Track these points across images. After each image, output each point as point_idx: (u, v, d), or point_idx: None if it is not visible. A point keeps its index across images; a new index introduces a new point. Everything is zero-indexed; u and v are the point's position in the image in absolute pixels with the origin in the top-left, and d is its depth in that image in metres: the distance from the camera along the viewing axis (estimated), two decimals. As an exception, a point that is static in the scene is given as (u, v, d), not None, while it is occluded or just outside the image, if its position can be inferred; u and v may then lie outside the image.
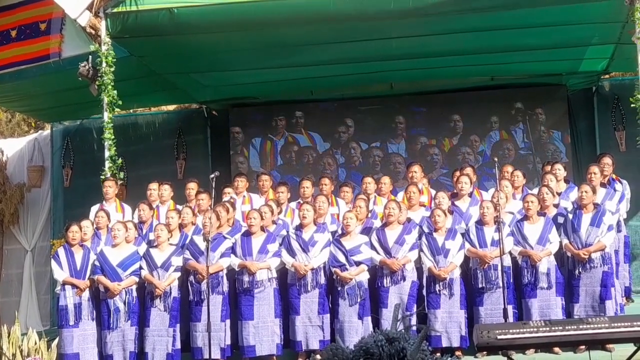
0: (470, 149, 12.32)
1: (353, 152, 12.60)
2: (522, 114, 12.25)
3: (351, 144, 12.62)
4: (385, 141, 12.55)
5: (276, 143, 12.78)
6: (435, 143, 12.47)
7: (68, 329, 8.50)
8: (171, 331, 8.54)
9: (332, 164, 12.53)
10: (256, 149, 12.81)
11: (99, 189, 9.81)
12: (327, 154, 12.67)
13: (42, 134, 13.56)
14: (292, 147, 12.73)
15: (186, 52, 10.30)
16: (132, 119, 12.79)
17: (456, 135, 12.43)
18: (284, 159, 12.74)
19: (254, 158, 12.78)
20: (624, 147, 11.57)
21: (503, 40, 10.29)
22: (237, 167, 12.61)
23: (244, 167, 12.64)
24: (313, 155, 12.69)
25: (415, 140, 12.52)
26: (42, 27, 10.12)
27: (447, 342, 8.37)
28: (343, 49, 10.27)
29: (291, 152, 12.73)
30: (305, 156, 12.70)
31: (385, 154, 12.51)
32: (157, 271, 8.61)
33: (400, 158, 12.46)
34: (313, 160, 12.67)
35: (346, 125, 12.65)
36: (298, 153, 12.71)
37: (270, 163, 12.74)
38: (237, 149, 12.79)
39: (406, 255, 8.56)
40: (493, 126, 12.32)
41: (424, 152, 12.47)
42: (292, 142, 12.75)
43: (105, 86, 9.50)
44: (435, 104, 12.52)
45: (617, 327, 6.21)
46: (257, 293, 8.52)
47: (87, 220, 9.03)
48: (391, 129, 12.56)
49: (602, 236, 8.43)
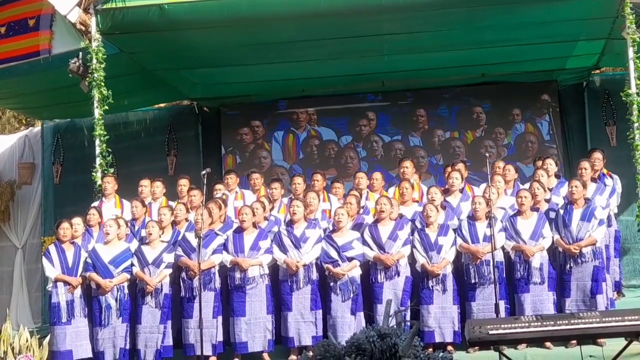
0: (494, 142, 12.24)
1: (375, 145, 12.51)
2: (547, 106, 12.18)
3: (373, 137, 12.52)
4: (407, 134, 12.47)
5: (298, 136, 12.68)
6: (457, 136, 12.39)
7: (60, 326, 8.50)
8: (162, 328, 8.54)
9: (353, 158, 12.43)
10: (279, 142, 12.71)
11: (90, 185, 9.79)
12: (348, 148, 12.56)
13: (32, 131, 13.49)
14: (313, 141, 12.63)
15: (176, 48, 10.25)
16: (122, 115, 12.71)
17: (480, 127, 12.36)
18: (304, 153, 12.62)
19: (276, 152, 12.67)
20: (614, 142, 11.59)
21: (493, 36, 10.29)
22: (260, 162, 12.54)
23: (267, 162, 12.58)
24: (334, 149, 12.59)
25: (436, 133, 12.43)
26: (30, 24, 10.06)
27: (440, 337, 8.38)
28: (337, 45, 10.26)
29: (312, 146, 12.62)
30: (327, 150, 12.60)
31: (406, 147, 12.42)
32: (148, 268, 8.61)
33: (423, 151, 12.37)
34: (335, 154, 12.57)
35: (368, 119, 12.55)
36: (320, 147, 12.61)
37: (293, 157, 12.65)
38: (258, 143, 12.66)
39: (399, 251, 8.57)
40: (516, 119, 12.24)
41: (445, 145, 12.39)
42: (315, 135, 12.65)
43: (96, 83, 9.47)
44: (454, 97, 12.43)
45: (608, 322, 6.23)
46: (249, 289, 8.52)
47: (77, 217, 9.01)
48: (412, 122, 12.46)
49: (592, 231, 8.45)
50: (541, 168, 9.45)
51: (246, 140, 12.75)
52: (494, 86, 12.34)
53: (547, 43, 10.57)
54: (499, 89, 12.34)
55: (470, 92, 12.40)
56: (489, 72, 11.95)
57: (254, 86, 12.11)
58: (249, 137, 12.75)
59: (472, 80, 12.22)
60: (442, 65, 11.40)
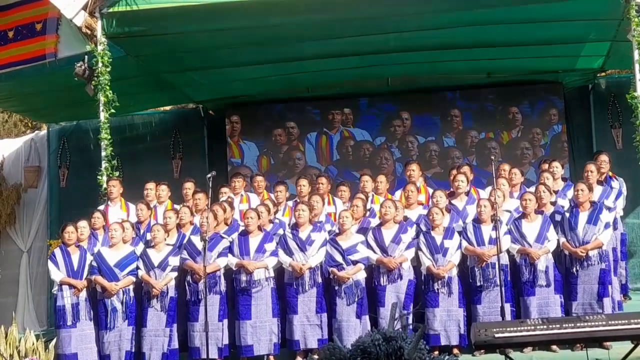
0: (530, 143, 12.19)
1: (410, 145, 12.48)
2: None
3: (408, 138, 12.49)
4: (441, 135, 12.45)
5: (331, 137, 12.66)
6: (493, 136, 12.36)
7: (66, 329, 8.53)
8: (168, 331, 8.56)
9: (388, 159, 12.40)
10: (312, 144, 12.72)
11: (96, 189, 9.81)
12: (383, 149, 12.54)
13: (38, 134, 13.55)
14: (348, 142, 12.61)
15: (183, 50, 10.31)
16: (128, 118, 12.78)
17: (515, 128, 12.31)
18: (340, 154, 12.61)
19: (310, 153, 12.67)
20: (620, 144, 11.60)
21: (499, 36, 10.30)
22: (294, 163, 12.57)
23: (301, 163, 12.59)
24: (369, 149, 12.57)
25: (471, 134, 12.42)
26: (38, 28, 10.11)
27: (446, 340, 8.39)
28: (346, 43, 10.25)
29: (347, 147, 12.61)
30: (361, 150, 12.57)
31: (441, 148, 12.40)
32: (154, 271, 8.63)
33: (458, 152, 12.35)
34: (370, 155, 12.55)
35: (402, 119, 12.53)
36: (355, 147, 12.59)
37: (327, 158, 12.65)
38: (292, 144, 12.67)
39: (402, 254, 8.58)
40: (552, 119, 12.20)
41: (480, 146, 12.35)
42: (348, 136, 12.63)
43: (102, 86, 9.49)
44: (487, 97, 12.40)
45: (615, 325, 6.23)
46: (255, 292, 8.53)
47: (83, 220, 9.03)
48: (446, 123, 12.44)
49: (599, 234, 8.44)
50: (547, 171, 9.46)
51: (280, 142, 12.73)
52: (531, 86, 12.23)
53: (553, 44, 10.58)
54: (537, 89, 12.25)
55: (507, 92, 12.32)
56: (495, 71, 11.95)
57: (261, 85, 12.12)
58: (282, 138, 12.73)
59: (478, 80, 12.22)
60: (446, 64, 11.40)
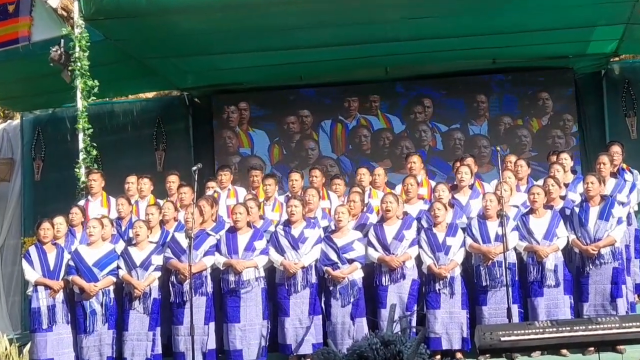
0: (562, 131, 12.12)
1: (433, 135, 12.39)
2: None
3: (429, 126, 12.40)
4: (466, 122, 12.36)
5: (347, 125, 12.57)
6: (522, 124, 12.30)
7: (41, 332, 8.49)
8: (151, 335, 8.54)
9: (410, 148, 12.18)
10: (326, 132, 12.61)
11: (73, 182, 9.78)
12: (403, 137, 12.44)
13: (11, 124, 13.47)
14: (362, 131, 12.49)
15: (166, 34, 10.23)
16: (108, 107, 12.72)
17: (546, 115, 12.23)
18: (352, 144, 12.49)
19: (324, 143, 12.56)
20: (635, 134, 11.60)
21: (506, 21, 10.27)
22: (307, 154, 12.48)
23: (314, 153, 12.49)
24: (389, 138, 12.49)
25: (499, 121, 12.33)
26: (10, 9, 10.06)
27: (448, 344, 8.37)
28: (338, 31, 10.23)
29: (360, 136, 12.50)
30: (380, 139, 12.45)
31: (466, 136, 12.32)
32: (135, 271, 8.59)
33: (485, 140, 12.26)
34: (389, 144, 12.46)
35: (423, 106, 12.45)
36: (374, 137, 12.48)
37: (342, 147, 12.55)
38: (307, 133, 12.58)
39: (406, 252, 8.54)
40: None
41: (510, 134, 12.27)
42: (365, 124, 12.54)
43: (79, 72, 9.45)
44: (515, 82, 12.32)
45: (629, 327, 6.19)
46: (244, 294, 8.50)
47: (60, 216, 8.98)
48: (472, 109, 12.35)
49: (611, 230, 8.42)
50: (556, 163, 9.43)
51: (293, 130, 12.63)
52: (539, 72, 12.17)
53: (563, 29, 10.55)
54: (545, 75, 12.17)
55: (533, 76, 12.23)
56: (500, 58, 11.93)
57: (248, 73, 12.07)
58: (295, 126, 12.61)
59: (484, 66, 12.19)
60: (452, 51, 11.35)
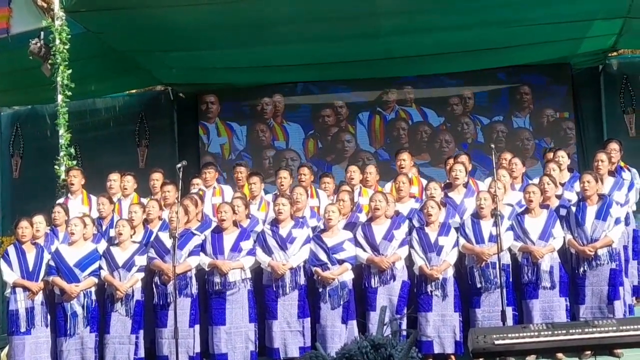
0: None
1: (474, 128, 12.40)
2: None
3: (470, 119, 12.42)
4: (510, 115, 12.39)
5: (385, 117, 12.54)
6: (567, 116, 12.28)
7: (19, 336, 8.48)
8: (133, 338, 8.54)
9: (449, 142, 12.25)
10: (364, 124, 12.59)
11: (52, 180, 9.79)
12: (442, 131, 12.43)
13: (-12, 120, 13.48)
14: (400, 123, 12.50)
15: (150, 28, 10.23)
16: (89, 102, 12.72)
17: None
18: (390, 137, 12.47)
19: (361, 136, 12.54)
20: (633, 131, 11.66)
21: (502, 15, 10.30)
22: (343, 146, 12.47)
23: (351, 146, 12.48)
24: (428, 131, 12.49)
25: (545, 113, 12.33)
26: (-14, 1, 10.05)
27: (440, 348, 8.40)
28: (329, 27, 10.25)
29: (399, 129, 12.49)
30: (418, 133, 12.45)
31: (509, 129, 12.34)
32: (118, 271, 8.59)
33: (528, 133, 12.29)
34: (428, 137, 12.46)
35: (462, 97, 12.44)
36: (411, 130, 12.48)
37: (380, 141, 12.53)
38: (341, 125, 12.55)
39: (395, 253, 8.57)
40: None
41: (554, 127, 12.28)
42: (405, 117, 12.52)
43: (60, 66, 9.45)
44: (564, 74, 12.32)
45: (626, 330, 6.22)
46: (230, 295, 8.52)
47: (39, 215, 8.97)
48: (515, 101, 12.37)
49: (609, 230, 8.46)
50: (552, 161, 9.46)
51: (329, 122, 12.62)
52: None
53: (560, 23, 10.58)
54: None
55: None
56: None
57: (236, 71, 12.07)
58: (331, 119, 12.61)
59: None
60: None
